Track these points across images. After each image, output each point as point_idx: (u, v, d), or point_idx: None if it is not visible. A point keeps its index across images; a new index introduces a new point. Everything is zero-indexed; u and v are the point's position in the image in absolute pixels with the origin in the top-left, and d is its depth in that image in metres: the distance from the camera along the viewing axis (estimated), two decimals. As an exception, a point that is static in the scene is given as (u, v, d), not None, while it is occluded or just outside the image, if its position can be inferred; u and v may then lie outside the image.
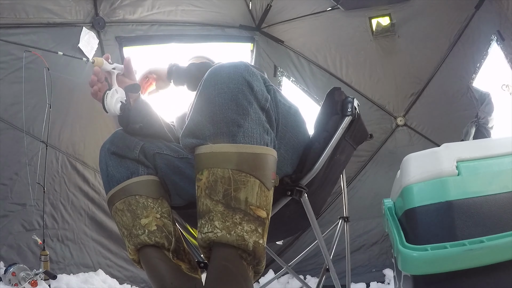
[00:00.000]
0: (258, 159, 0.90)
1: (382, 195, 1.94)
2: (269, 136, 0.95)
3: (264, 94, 0.96)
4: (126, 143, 1.20)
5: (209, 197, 0.89)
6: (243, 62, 0.97)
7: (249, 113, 0.91)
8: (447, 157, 1.50)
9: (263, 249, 0.90)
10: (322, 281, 1.46)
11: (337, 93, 1.30)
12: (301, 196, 1.11)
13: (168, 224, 1.14)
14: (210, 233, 0.88)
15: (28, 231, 2.53)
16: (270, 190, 0.93)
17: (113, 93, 1.14)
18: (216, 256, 0.89)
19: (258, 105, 0.94)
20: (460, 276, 1.32)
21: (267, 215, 0.92)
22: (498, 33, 2.96)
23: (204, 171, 0.90)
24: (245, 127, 0.90)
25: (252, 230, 0.88)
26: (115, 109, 1.14)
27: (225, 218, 0.87)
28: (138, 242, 1.11)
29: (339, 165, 1.35)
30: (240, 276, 0.87)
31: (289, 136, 1.11)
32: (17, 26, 2.55)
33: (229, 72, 0.93)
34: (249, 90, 0.92)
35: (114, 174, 1.18)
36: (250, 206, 0.88)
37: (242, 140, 0.89)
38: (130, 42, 3.07)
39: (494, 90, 3.04)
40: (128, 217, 1.13)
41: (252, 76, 0.94)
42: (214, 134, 0.90)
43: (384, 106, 3.48)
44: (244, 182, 0.88)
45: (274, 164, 0.95)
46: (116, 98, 1.14)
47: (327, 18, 3.42)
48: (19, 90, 2.43)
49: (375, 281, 3.17)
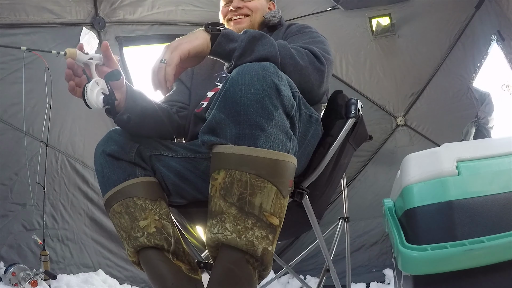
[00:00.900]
0: (278, 166, 0.89)
1: (382, 195, 1.95)
2: (292, 143, 0.94)
3: (290, 100, 0.94)
4: (121, 146, 1.17)
5: (224, 198, 0.88)
6: (272, 64, 0.95)
7: (273, 118, 0.89)
8: (447, 157, 1.50)
9: (271, 256, 0.90)
10: (323, 281, 1.46)
11: (339, 97, 1.29)
12: (302, 198, 1.11)
13: (167, 226, 1.13)
14: (220, 234, 0.87)
15: (28, 231, 2.54)
16: (286, 197, 0.92)
17: (93, 85, 1.02)
18: (222, 257, 0.89)
19: (283, 110, 0.92)
20: (460, 276, 1.32)
21: (280, 223, 0.91)
22: (498, 33, 2.96)
23: (221, 171, 0.89)
24: (268, 132, 0.88)
25: (263, 237, 0.87)
26: (98, 102, 1.02)
27: (237, 222, 0.87)
28: (137, 244, 1.10)
29: (342, 169, 1.36)
30: (244, 280, 0.87)
31: (307, 144, 1.11)
32: (17, 26, 2.55)
33: (257, 73, 0.91)
34: (276, 94, 0.90)
35: (110, 176, 1.15)
36: (264, 213, 0.87)
37: (263, 145, 0.88)
38: (130, 42, 3.07)
39: (494, 90, 3.04)
40: (126, 219, 1.11)
41: (280, 80, 0.92)
42: (236, 134, 0.89)
43: (384, 106, 3.48)
44: (261, 188, 0.87)
45: (293, 171, 0.94)
46: (97, 90, 1.03)
47: (327, 18, 3.41)
48: (19, 90, 2.43)
49: (375, 281, 3.17)
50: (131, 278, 2.89)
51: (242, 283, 0.87)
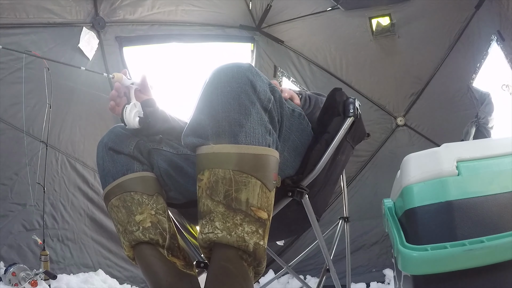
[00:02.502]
0: (260, 160, 0.90)
1: (382, 195, 1.94)
2: (271, 137, 0.95)
3: (267, 95, 0.95)
4: (122, 139, 1.21)
5: (210, 197, 0.89)
6: (247, 63, 0.96)
7: (251, 113, 0.90)
8: (447, 157, 1.50)
9: (264, 251, 0.90)
10: (323, 281, 1.46)
11: (338, 94, 1.29)
12: (302, 197, 1.11)
13: (162, 221, 1.14)
14: (210, 234, 0.88)
15: (28, 231, 2.54)
16: (272, 191, 0.93)
17: (132, 107, 1.19)
18: (216, 256, 0.89)
19: (260, 105, 0.93)
20: (460, 276, 1.32)
21: (268, 216, 0.92)
22: (498, 33, 2.96)
23: (205, 172, 0.90)
24: (247, 127, 0.90)
25: (253, 232, 0.88)
26: (134, 122, 1.18)
27: (225, 219, 0.87)
28: (132, 238, 1.11)
29: (339, 165, 1.35)
30: (240, 277, 0.87)
31: (293, 138, 1.11)
32: (17, 26, 2.55)
33: (232, 71, 0.93)
34: (252, 90, 0.92)
35: (110, 169, 1.18)
36: (251, 207, 0.88)
37: (243, 141, 0.89)
38: (130, 42, 3.07)
39: (494, 90, 3.04)
40: (123, 213, 1.13)
41: (256, 76, 0.94)
42: (215, 133, 0.90)
43: (384, 106, 3.48)
44: (245, 183, 0.88)
45: (276, 165, 0.95)
46: (135, 112, 1.19)
47: (327, 18, 3.42)
48: (19, 90, 2.44)
49: (375, 281, 3.17)
50: (131, 278, 2.89)
51: (238, 280, 0.87)
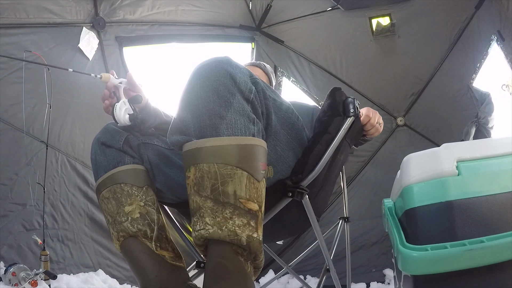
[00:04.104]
0: (244, 151, 0.89)
1: (382, 195, 1.94)
2: (256, 126, 0.93)
3: (248, 85, 0.94)
4: (113, 134, 1.24)
5: (198, 193, 0.88)
6: (226, 56, 0.96)
7: (231, 104, 0.89)
8: (447, 157, 1.49)
9: (259, 243, 0.89)
10: (323, 281, 1.46)
11: (337, 94, 1.29)
12: (302, 198, 1.10)
13: (151, 212, 1.15)
14: (202, 230, 0.87)
15: (28, 231, 2.53)
16: (261, 181, 0.91)
17: (121, 105, 1.23)
18: (211, 253, 0.88)
19: (242, 96, 0.92)
20: (460, 276, 1.32)
21: (260, 208, 0.90)
22: (498, 33, 2.96)
23: (191, 168, 0.90)
24: (228, 118, 0.89)
25: (244, 224, 0.86)
26: (125, 119, 1.22)
27: (215, 214, 0.86)
28: (121, 228, 1.13)
29: (338, 165, 1.35)
30: (237, 272, 0.86)
31: (283, 133, 1.09)
32: (17, 26, 2.55)
33: (210, 66, 0.92)
34: (232, 82, 0.91)
35: (101, 162, 1.20)
36: (239, 200, 0.87)
37: (225, 132, 0.88)
38: (130, 42, 3.07)
39: (494, 90, 3.05)
40: (113, 204, 1.15)
41: (235, 68, 0.93)
42: (198, 128, 0.89)
43: (384, 106, 3.48)
44: (231, 175, 0.87)
45: (263, 154, 0.93)
46: (125, 109, 1.23)
47: (327, 18, 3.42)
48: (19, 90, 2.44)
49: (375, 281, 3.17)
50: (131, 278, 2.88)
51: (235, 276, 0.86)
